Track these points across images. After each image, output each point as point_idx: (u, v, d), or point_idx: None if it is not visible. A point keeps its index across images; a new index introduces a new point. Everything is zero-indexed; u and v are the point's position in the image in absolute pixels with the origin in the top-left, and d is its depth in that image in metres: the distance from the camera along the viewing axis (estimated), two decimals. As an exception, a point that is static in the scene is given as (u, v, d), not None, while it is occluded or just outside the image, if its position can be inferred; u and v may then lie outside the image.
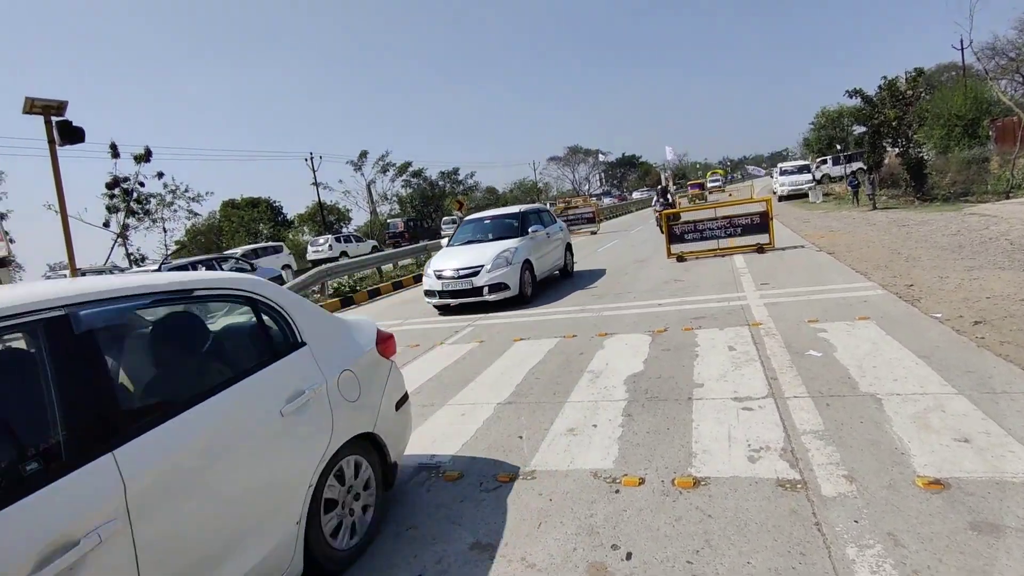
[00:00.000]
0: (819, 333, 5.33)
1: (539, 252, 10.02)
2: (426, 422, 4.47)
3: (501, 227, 10.45)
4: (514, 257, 9.07)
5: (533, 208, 11.45)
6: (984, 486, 2.58)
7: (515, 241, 9.54)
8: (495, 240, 9.93)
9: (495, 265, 8.87)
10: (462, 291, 8.92)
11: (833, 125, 45.96)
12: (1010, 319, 4.97)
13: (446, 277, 9.03)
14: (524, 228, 10.07)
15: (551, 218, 11.87)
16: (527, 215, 10.68)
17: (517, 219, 10.38)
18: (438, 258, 9.74)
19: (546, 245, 10.55)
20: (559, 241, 11.39)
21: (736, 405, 3.90)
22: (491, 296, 8.83)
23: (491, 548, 2.66)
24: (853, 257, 9.29)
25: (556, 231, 11.42)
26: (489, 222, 10.88)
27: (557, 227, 11.64)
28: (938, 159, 23.72)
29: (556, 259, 11.13)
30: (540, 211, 11.56)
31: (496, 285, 8.84)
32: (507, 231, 10.20)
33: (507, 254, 9.06)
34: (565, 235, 11.91)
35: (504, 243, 9.47)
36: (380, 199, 51.58)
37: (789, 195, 28.04)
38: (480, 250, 9.39)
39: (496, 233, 10.32)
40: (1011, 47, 31.16)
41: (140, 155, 32.94)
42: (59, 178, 8.54)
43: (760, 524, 2.55)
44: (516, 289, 8.96)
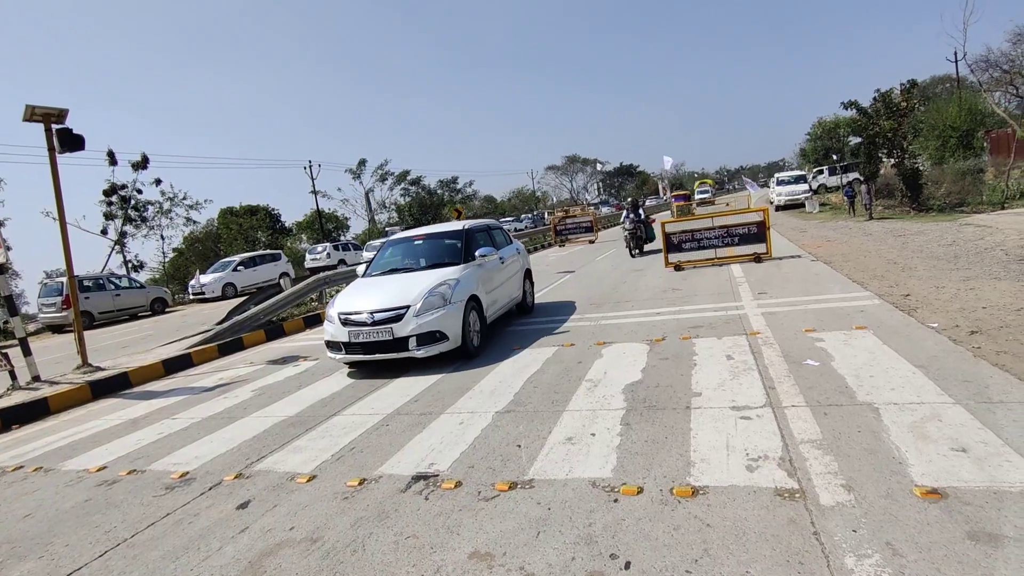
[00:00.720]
0: (816, 342, 5.34)
1: (490, 284, 7.57)
2: (424, 430, 4.46)
3: (438, 250, 7.84)
4: (454, 293, 6.53)
5: (481, 224, 8.75)
6: (982, 496, 2.59)
7: (456, 270, 7.00)
8: (429, 268, 7.32)
9: (427, 306, 6.29)
10: (378, 344, 6.29)
11: (829, 136, 46.36)
12: (1006, 329, 5.00)
13: (355, 323, 6.40)
14: (469, 251, 7.50)
15: (505, 237, 9.33)
16: (473, 233, 8.04)
17: (460, 239, 7.71)
18: (347, 295, 7.05)
19: (499, 274, 8.03)
20: (516, 267, 8.87)
21: (734, 414, 3.91)
22: (420, 351, 6.21)
23: (490, 557, 2.66)
24: (850, 267, 9.33)
25: (512, 254, 8.90)
26: (422, 243, 8.18)
27: (513, 249, 9.17)
28: (933, 170, 23.90)
29: (512, 292, 8.53)
30: (491, 228, 8.95)
31: (428, 335, 6.24)
32: (446, 255, 7.57)
33: (444, 289, 6.51)
34: (523, 259, 9.44)
35: (441, 273, 6.90)
36: (378, 207, 51.72)
37: (786, 205, 28.17)
38: (406, 283, 6.78)
39: (431, 258, 7.68)
40: (1004, 59, 31.46)
41: (137, 162, 33.03)
42: (58, 185, 8.54)
43: (759, 533, 2.55)
44: (457, 339, 6.41)
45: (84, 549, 3.32)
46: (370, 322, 6.30)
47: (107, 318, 19.68)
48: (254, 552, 3.00)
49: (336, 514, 3.30)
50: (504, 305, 8.21)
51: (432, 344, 6.26)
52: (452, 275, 6.83)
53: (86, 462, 4.91)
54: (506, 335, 7.74)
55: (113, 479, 4.41)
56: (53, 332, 19.17)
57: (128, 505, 3.87)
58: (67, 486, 4.41)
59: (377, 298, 6.55)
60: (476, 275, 7.21)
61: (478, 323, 6.98)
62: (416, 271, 7.36)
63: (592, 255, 19.04)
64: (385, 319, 6.27)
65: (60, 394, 7.30)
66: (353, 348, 6.46)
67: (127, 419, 6.21)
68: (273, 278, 23.65)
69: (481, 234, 8.30)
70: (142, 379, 8.27)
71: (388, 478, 3.70)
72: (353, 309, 6.52)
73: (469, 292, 6.77)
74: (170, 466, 4.51)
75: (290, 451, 4.44)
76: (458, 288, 6.63)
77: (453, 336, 6.36)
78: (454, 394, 5.31)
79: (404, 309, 6.27)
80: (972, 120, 26.79)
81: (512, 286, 8.55)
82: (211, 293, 22.57)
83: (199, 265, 31.14)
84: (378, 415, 4.99)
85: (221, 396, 6.61)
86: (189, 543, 3.20)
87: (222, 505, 3.65)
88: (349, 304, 6.66)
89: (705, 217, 13.48)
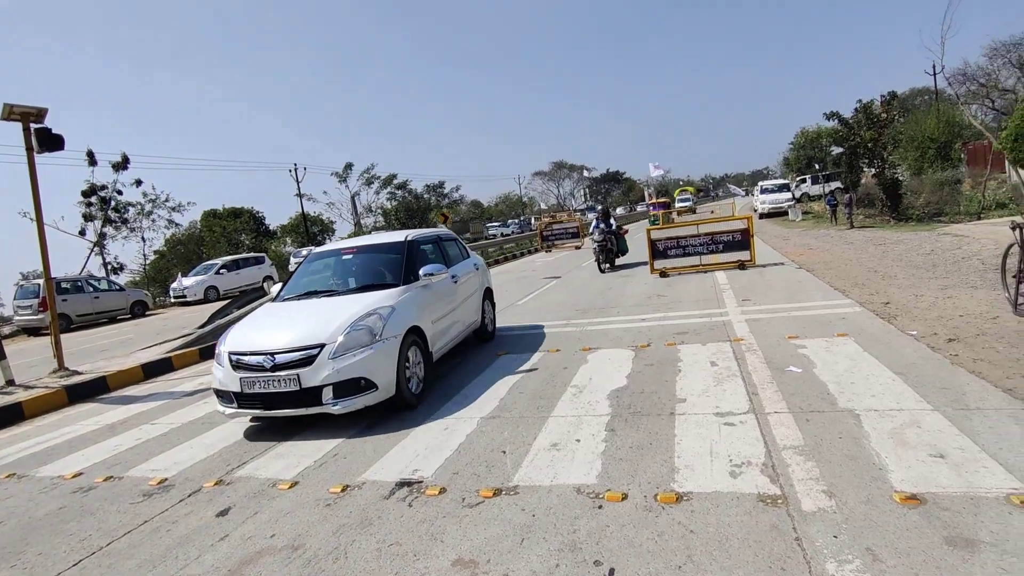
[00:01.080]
0: (799, 349, 5.41)
1: (439, 310, 5.99)
2: (408, 437, 4.43)
3: (373, 267, 6.24)
4: (388, 325, 4.96)
5: (429, 235, 7.09)
6: (959, 501, 2.63)
7: (392, 294, 5.44)
8: (359, 291, 5.68)
9: (349, 343, 4.72)
10: (281, 396, 4.69)
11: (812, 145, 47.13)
12: (982, 337, 5.10)
13: (250, 367, 4.76)
14: (412, 268, 5.93)
15: (461, 250, 7.78)
16: (419, 246, 6.48)
17: (401, 253, 6.11)
18: (245, 327, 5.38)
19: (451, 297, 6.43)
20: (472, 287, 7.32)
21: (718, 420, 3.93)
22: (338, 405, 4.62)
23: (473, 564, 2.64)
24: (831, 275, 9.46)
25: (468, 271, 7.33)
26: (352, 258, 6.52)
27: (470, 265, 7.58)
28: (913, 180, 24.41)
29: (467, 317, 6.96)
30: (443, 239, 7.37)
31: (349, 384, 4.66)
32: (383, 274, 6.01)
33: (374, 320, 4.93)
34: (483, 276, 7.91)
35: (373, 298, 5.32)
36: (364, 211, 51.45)
37: (769, 213, 28.57)
38: (325, 312, 5.18)
39: (363, 278, 6.08)
40: (981, 73, 32.28)
41: (118, 163, 32.52)
42: (36, 185, 8.38)
43: (742, 539, 2.56)
44: (389, 387, 4.84)
45: (59, 558, 3.24)
46: (270, 366, 4.66)
47: (85, 321, 19.31)
48: (234, 560, 2.95)
49: (318, 521, 3.26)
50: (457, 335, 6.58)
51: (355, 395, 4.66)
52: (387, 301, 5.26)
53: (62, 468, 4.80)
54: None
55: (89, 486, 4.31)
56: (29, 335, 18.77)
57: (104, 512, 3.79)
58: (41, 493, 4.30)
59: (283, 333, 4.91)
60: (419, 299, 5.65)
61: (421, 363, 5.39)
62: (341, 295, 5.68)
63: (578, 260, 19.11)
64: (291, 362, 4.63)
65: (35, 398, 7.13)
66: (248, 401, 4.78)
67: (104, 424, 6.09)
68: (257, 281, 23.37)
69: (429, 247, 6.79)
70: (121, 383, 8.12)
71: (371, 484, 3.66)
72: (249, 348, 4.86)
73: (409, 323, 5.23)
74: (148, 472, 4.42)
75: (272, 457, 4.38)
76: (393, 318, 5.07)
77: (384, 383, 4.79)
78: (439, 400, 5.28)
79: (317, 348, 4.65)
80: (950, 132, 27.41)
81: (468, 310, 6.99)
82: (193, 296, 22.26)
83: (181, 268, 30.70)
84: (361, 421, 4.95)
85: (201, 401, 6.51)
86: (167, 551, 3.14)
87: (201, 512, 3.59)
88: (245, 340, 5.00)
89: (690, 224, 13.61)
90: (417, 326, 5.39)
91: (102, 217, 33.50)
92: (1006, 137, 17.66)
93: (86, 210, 33.12)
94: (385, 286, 5.70)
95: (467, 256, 7.83)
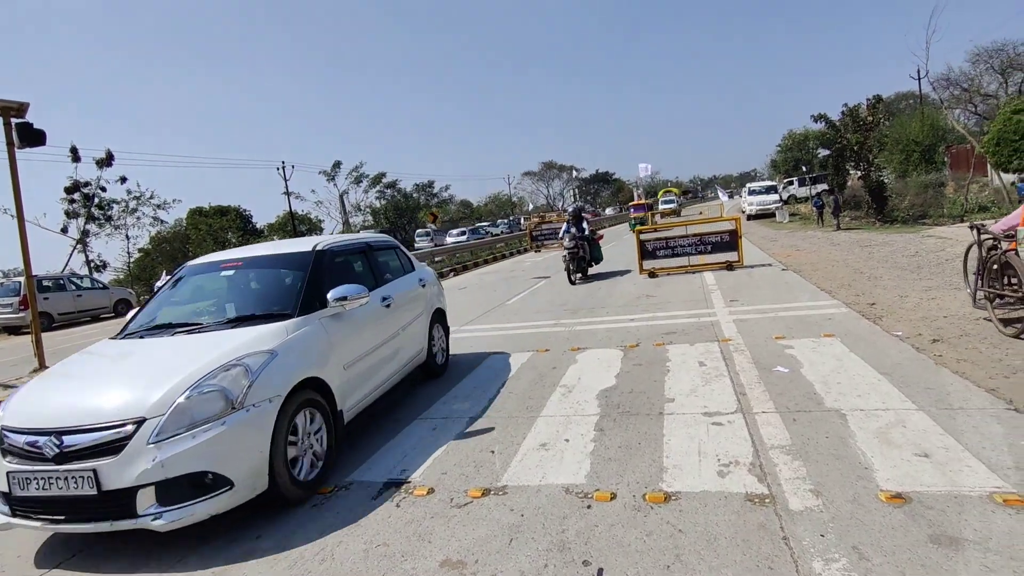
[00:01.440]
0: (786, 349, 5.44)
1: (355, 349, 4.31)
2: (396, 436, 4.40)
3: (259, 288, 4.56)
4: (256, 383, 3.28)
5: (351, 244, 5.20)
6: (943, 500, 2.66)
7: (277, 330, 3.74)
8: (232, 325, 3.92)
9: (187, 415, 3.04)
10: (71, 502, 2.95)
11: (799, 147, 47.57)
12: (965, 338, 5.17)
13: (24, 452, 3.08)
14: (317, 291, 4.19)
15: (403, 261, 5.99)
16: (329, 259, 4.63)
17: (302, 268, 4.38)
18: (44, 381, 3.70)
19: (377, 328, 4.74)
20: (415, 311, 5.60)
21: (706, 420, 3.95)
22: (163, 517, 2.90)
23: (462, 565, 2.62)
24: (818, 276, 9.55)
25: (408, 290, 5.60)
26: (233, 275, 4.68)
27: (412, 281, 5.82)
28: (898, 183, 24.73)
29: (407, 352, 5.25)
30: (375, 248, 5.51)
31: (182, 481, 2.96)
32: (272, 297, 4.37)
33: (234, 377, 3.25)
34: (432, 294, 6.16)
35: (244, 337, 3.65)
36: (353, 210, 51.18)
37: (757, 214, 28.79)
38: (165, 361, 3.55)
39: (242, 304, 4.30)
40: (964, 78, 32.81)
41: (102, 159, 32.06)
42: (17, 181, 8.24)
43: (730, 539, 2.57)
44: (256, 480, 3.19)
45: (36, 561, 3.16)
46: (53, 454, 2.95)
47: (67, 319, 19.01)
48: (218, 560, 2.91)
49: (305, 522, 3.23)
50: (389, 378, 4.81)
51: (194, 500, 2.97)
52: (265, 342, 3.55)
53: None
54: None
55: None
56: (9, 333, 18.44)
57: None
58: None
59: (88, 395, 3.23)
60: (324, 336, 3.95)
61: (322, 432, 3.77)
62: (206, 331, 3.86)
63: (568, 261, 19.13)
64: (86, 448, 2.94)
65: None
66: (21, 505, 3.06)
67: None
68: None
69: (351, 260, 4.98)
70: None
71: (359, 485, 3.63)
72: (26, 421, 3.15)
73: (299, 374, 3.55)
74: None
75: (258, 457, 4.31)
76: (271, 370, 3.38)
77: (245, 475, 3.12)
78: (428, 399, 5.26)
79: (133, 425, 2.95)
80: (934, 136, 27.82)
81: (408, 340, 5.27)
82: (178, 295, 21.96)
83: (166, 266, 30.33)
84: (350, 420, 4.91)
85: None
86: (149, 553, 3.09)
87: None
88: (28, 405, 3.31)
89: (679, 225, 13.67)
90: (316, 377, 3.68)
91: (85, 214, 33.01)
92: (988, 141, 17.97)
93: (69, 207, 32.60)
94: (273, 318, 3.83)
95: (410, 269, 6.01)
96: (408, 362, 5.34)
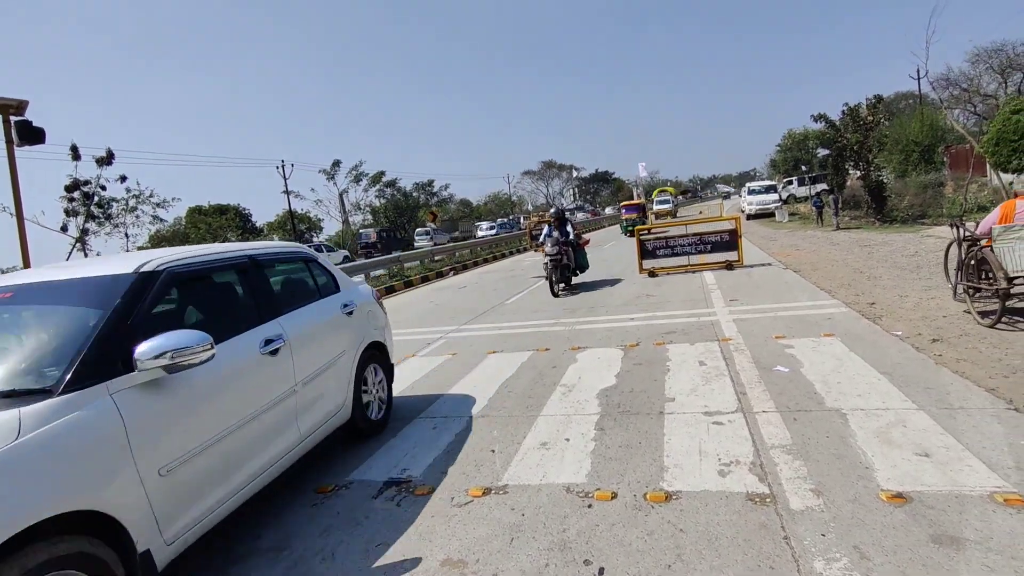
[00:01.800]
0: (786, 349, 5.44)
1: (194, 435, 2.66)
2: (396, 435, 4.40)
3: (16, 339, 2.61)
4: None
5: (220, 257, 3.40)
6: (944, 499, 2.66)
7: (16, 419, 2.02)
8: None
9: None
10: None
11: (799, 147, 47.58)
12: (965, 337, 5.17)
13: None
14: (115, 347, 2.43)
15: (318, 279, 4.38)
16: (162, 286, 2.85)
17: (101, 305, 2.59)
18: None
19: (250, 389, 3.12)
20: (334, 349, 4.04)
21: (706, 419, 3.95)
22: None
23: (463, 564, 2.62)
24: (818, 275, 9.55)
25: (326, 320, 4.11)
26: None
27: (333, 307, 4.26)
28: (897, 183, 24.73)
29: (317, 411, 3.72)
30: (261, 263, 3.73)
31: None
32: (26, 360, 2.41)
33: None
34: (364, 324, 4.57)
35: None
36: (353, 209, 51.12)
37: (757, 214, 28.80)
38: None
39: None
40: (964, 78, 32.76)
41: (102, 158, 32.00)
42: (16, 179, 8.23)
43: (731, 538, 2.57)
44: None
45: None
46: None
47: (67, 318, 18.97)
48: (218, 561, 2.91)
49: (305, 522, 3.22)
50: (270, 465, 3.19)
51: None
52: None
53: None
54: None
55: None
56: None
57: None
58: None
59: None
60: (107, 431, 2.28)
61: None
62: None
63: (567, 260, 19.12)
64: None
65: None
66: None
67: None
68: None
69: (212, 285, 3.41)
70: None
71: (359, 484, 3.63)
72: None
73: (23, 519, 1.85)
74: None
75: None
76: None
77: None
78: (428, 398, 5.25)
79: None
80: (933, 136, 27.83)
81: (316, 396, 3.73)
82: (178, 293, 21.95)
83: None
84: (350, 419, 4.90)
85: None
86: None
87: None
88: None
89: (679, 224, 13.66)
90: (92, 512, 2.14)
91: (85, 212, 32.97)
92: (987, 141, 17.97)
93: (68, 205, 32.54)
94: (16, 397, 2.20)
95: (331, 290, 4.39)
96: (317, 426, 3.69)
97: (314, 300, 4.11)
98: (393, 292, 15.64)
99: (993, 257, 5.37)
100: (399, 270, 19.14)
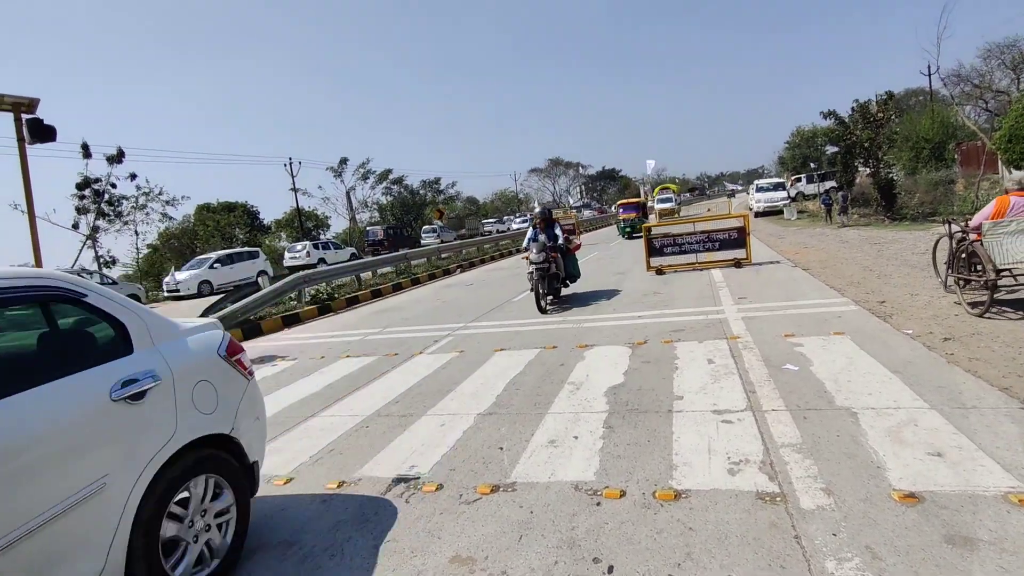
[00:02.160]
0: (795, 347, 5.41)
1: None
2: (405, 432, 4.41)
3: None
4: None
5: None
6: (957, 500, 2.63)
7: None
8: None
9: None
10: None
11: (807, 144, 47.27)
12: (977, 336, 5.12)
13: None
14: None
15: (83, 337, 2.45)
16: None
17: None
18: None
19: None
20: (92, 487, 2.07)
21: (716, 418, 3.93)
22: None
23: (471, 562, 2.62)
24: (827, 273, 9.49)
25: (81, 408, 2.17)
26: None
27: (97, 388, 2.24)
28: (907, 180, 24.52)
29: None
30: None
31: None
32: None
33: None
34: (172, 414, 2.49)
35: None
36: (360, 206, 51.19)
37: (765, 211, 28.65)
38: None
39: None
40: (975, 74, 32.37)
41: (112, 156, 32.26)
42: (27, 177, 8.30)
43: (741, 537, 2.55)
44: None
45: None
46: None
47: (77, 315, 19.13)
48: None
49: (314, 517, 3.24)
50: None
51: None
52: None
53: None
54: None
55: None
56: (20, 328, 18.59)
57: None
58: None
59: None
60: None
61: None
62: None
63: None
64: None
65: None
66: None
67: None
68: (251, 276, 23.22)
69: None
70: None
71: (368, 481, 3.64)
72: None
73: None
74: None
75: (267, 452, 4.33)
76: None
77: None
78: (436, 395, 5.26)
79: None
80: (944, 132, 27.57)
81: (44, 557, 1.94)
82: (186, 290, 22.09)
83: (175, 262, 30.49)
84: (357, 416, 4.92)
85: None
86: (161, 547, 3.10)
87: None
88: None
89: (687, 221, 13.60)
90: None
91: (95, 210, 33.23)
92: (999, 138, 17.78)
93: (79, 203, 32.83)
94: None
95: (110, 353, 2.43)
96: None
97: (54, 377, 2.17)
98: (401, 289, 15.68)
99: (983, 251, 5.65)
100: (406, 267, 19.16)
